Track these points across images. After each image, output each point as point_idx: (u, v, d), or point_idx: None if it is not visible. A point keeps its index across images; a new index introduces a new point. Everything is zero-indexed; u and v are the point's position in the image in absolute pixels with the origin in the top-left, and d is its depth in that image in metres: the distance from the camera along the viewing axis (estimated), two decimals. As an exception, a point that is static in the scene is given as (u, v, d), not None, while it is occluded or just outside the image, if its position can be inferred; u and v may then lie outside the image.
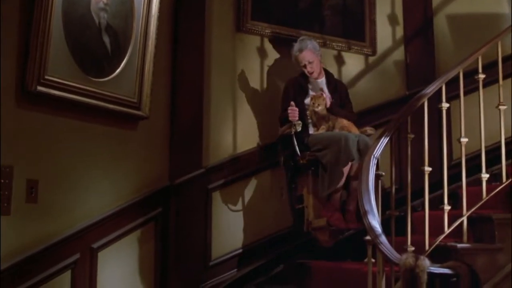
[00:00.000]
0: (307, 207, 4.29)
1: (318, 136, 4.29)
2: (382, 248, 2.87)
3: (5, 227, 3.18)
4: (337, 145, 4.07)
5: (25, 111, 3.32)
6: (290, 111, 4.24)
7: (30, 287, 3.27)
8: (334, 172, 4.09)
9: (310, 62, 4.46)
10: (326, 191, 4.14)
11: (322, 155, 4.15)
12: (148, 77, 3.95)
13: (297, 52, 4.48)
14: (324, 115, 4.31)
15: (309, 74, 4.49)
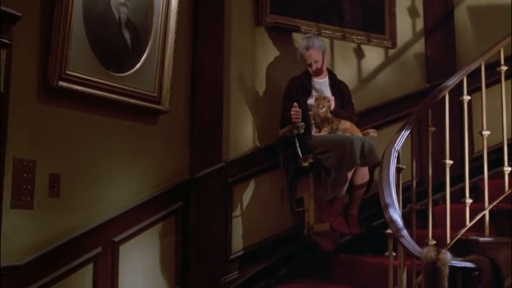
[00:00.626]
0: (307, 211, 4.23)
1: (321, 139, 4.22)
2: (403, 241, 2.86)
3: (28, 221, 3.21)
4: (341, 149, 4.02)
5: (47, 106, 3.35)
6: (293, 112, 4.19)
7: (53, 280, 3.30)
8: (338, 176, 4.04)
9: (316, 61, 4.44)
10: (330, 195, 4.09)
11: (325, 158, 4.10)
12: (168, 72, 3.96)
13: (303, 49, 4.45)
14: (327, 117, 4.26)
15: (314, 74, 4.47)
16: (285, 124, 4.29)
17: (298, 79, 4.48)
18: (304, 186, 4.27)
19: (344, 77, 4.87)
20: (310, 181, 4.22)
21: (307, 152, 4.18)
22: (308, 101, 4.39)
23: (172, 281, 4.01)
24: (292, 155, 4.24)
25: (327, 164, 4.08)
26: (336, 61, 4.91)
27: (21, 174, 3.19)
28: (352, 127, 4.28)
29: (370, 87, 4.98)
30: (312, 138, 4.26)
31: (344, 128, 4.26)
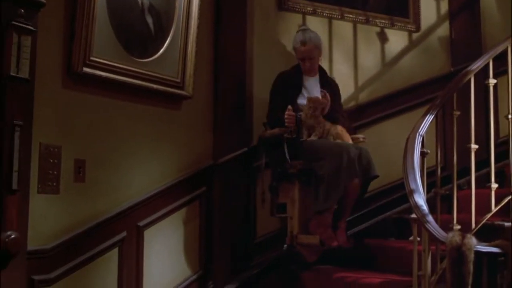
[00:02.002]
0: (291, 218, 3.98)
1: (313, 144, 3.97)
2: (428, 226, 2.84)
3: (55, 206, 3.26)
4: (337, 158, 3.81)
5: (72, 92, 3.38)
6: (287, 116, 3.94)
7: (79, 264, 3.34)
8: (332, 187, 3.82)
9: (311, 58, 4.18)
10: (321, 206, 3.86)
11: (318, 166, 3.86)
12: (191, 57, 3.97)
13: (298, 43, 4.18)
14: (319, 120, 4.02)
15: (305, 71, 4.22)
16: (274, 125, 4.05)
17: (289, 75, 4.23)
18: (287, 192, 4.02)
19: (367, 62, 4.86)
20: (295, 187, 3.95)
21: (295, 157, 3.94)
22: (298, 100, 4.14)
23: (196, 265, 4.04)
24: (279, 159, 3.99)
25: (320, 173, 3.84)
26: (359, 45, 4.88)
27: (47, 160, 3.23)
28: (343, 132, 4.08)
29: (394, 72, 4.94)
30: (302, 142, 4.01)
31: (336, 133, 4.04)
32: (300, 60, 4.20)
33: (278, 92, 4.17)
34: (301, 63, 4.21)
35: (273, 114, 4.12)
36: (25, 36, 2.82)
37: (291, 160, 3.92)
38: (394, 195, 4.67)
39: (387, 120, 4.83)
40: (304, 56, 4.17)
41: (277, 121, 4.03)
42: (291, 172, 3.93)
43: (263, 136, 4.15)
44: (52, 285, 3.20)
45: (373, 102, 4.83)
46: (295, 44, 4.21)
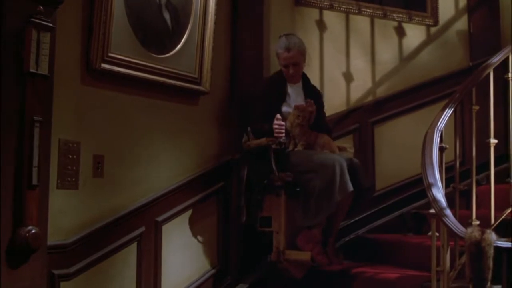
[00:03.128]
0: (277, 233, 3.80)
1: (301, 155, 3.82)
2: (446, 221, 2.83)
3: (74, 201, 3.28)
4: (329, 172, 3.64)
5: (90, 88, 3.39)
6: (276, 126, 3.76)
7: (98, 258, 3.36)
8: (324, 201, 3.65)
9: (295, 65, 4.01)
10: (311, 221, 3.70)
11: (307, 179, 3.71)
12: (208, 53, 3.98)
13: (282, 49, 4.01)
14: (305, 130, 3.89)
15: (289, 78, 4.05)
16: (260, 134, 3.86)
17: (273, 82, 4.09)
18: (272, 204, 3.84)
19: (384, 56, 4.85)
20: (281, 200, 3.78)
21: (282, 168, 3.78)
22: (283, 108, 3.98)
23: (213, 260, 4.05)
24: (264, 170, 3.80)
25: (309, 186, 3.69)
26: (377, 40, 4.86)
27: (66, 156, 3.25)
28: (330, 142, 3.97)
29: (412, 66, 4.92)
30: (289, 153, 3.85)
31: (323, 143, 3.92)
32: (283, 66, 4.03)
33: (262, 99, 4.02)
34: (284, 70, 4.04)
35: (257, 122, 3.93)
36: (44, 33, 2.84)
37: (278, 172, 3.76)
38: (412, 190, 4.67)
39: (405, 115, 4.82)
40: (288, 63, 4.00)
41: (263, 130, 3.84)
42: (278, 184, 3.77)
43: (247, 146, 3.95)
44: (71, 279, 3.23)
45: (390, 97, 4.82)
46: (279, 49, 4.04)
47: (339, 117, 4.63)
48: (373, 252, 4.29)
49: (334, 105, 4.63)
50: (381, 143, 4.74)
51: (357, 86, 4.75)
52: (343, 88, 4.71)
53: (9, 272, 2.72)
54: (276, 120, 3.78)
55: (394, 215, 4.64)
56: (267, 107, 3.93)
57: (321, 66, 4.62)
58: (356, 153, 4.61)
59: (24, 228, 2.74)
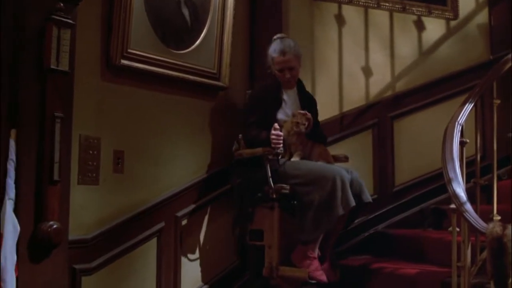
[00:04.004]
0: (269, 248, 3.59)
1: (298, 167, 3.62)
2: (467, 216, 2.81)
3: (95, 197, 3.31)
4: (329, 184, 3.46)
5: (110, 84, 3.41)
6: (274, 136, 3.57)
7: (118, 253, 3.39)
8: (323, 216, 3.47)
9: (291, 69, 3.81)
10: (310, 235, 3.50)
11: (305, 192, 3.52)
12: (227, 48, 3.98)
13: (277, 53, 3.80)
14: (302, 138, 3.71)
15: (284, 83, 3.85)
16: (254, 143, 3.68)
17: (268, 87, 3.88)
18: (264, 217, 3.63)
19: (404, 51, 4.82)
20: (275, 212, 3.57)
21: (277, 180, 3.57)
22: (278, 115, 3.79)
23: (232, 255, 4.05)
24: (258, 181, 3.62)
25: (307, 199, 3.50)
26: (396, 34, 4.83)
27: (87, 151, 3.28)
28: (325, 152, 3.81)
29: (431, 60, 4.88)
30: (284, 163, 3.64)
31: (319, 153, 3.75)
32: (278, 71, 3.82)
33: (256, 105, 3.83)
34: (279, 74, 3.83)
35: (251, 130, 3.76)
36: (65, 30, 2.87)
37: (274, 184, 3.55)
38: (432, 185, 4.64)
39: (424, 109, 4.79)
40: (283, 67, 3.80)
41: (259, 140, 3.67)
42: (273, 197, 3.56)
43: (239, 155, 3.76)
44: (92, 274, 3.26)
45: (410, 91, 4.79)
46: (273, 53, 3.82)
47: (358, 112, 4.61)
48: (392, 247, 4.27)
49: (353, 99, 4.61)
50: (400, 138, 4.71)
51: (376, 81, 4.72)
52: (362, 83, 4.69)
53: (31, 266, 2.77)
54: (274, 130, 3.60)
55: (414, 210, 4.62)
56: (262, 114, 3.76)
57: (340, 61, 4.60)
58: (376, 148, 4.63)
59: (46, 223, 2.78)
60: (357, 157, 4.53)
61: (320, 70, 4.53)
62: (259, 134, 3.69)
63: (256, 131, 3.73)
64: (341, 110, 4.57)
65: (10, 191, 2.68)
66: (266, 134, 3.64)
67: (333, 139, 4.46)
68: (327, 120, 4.45)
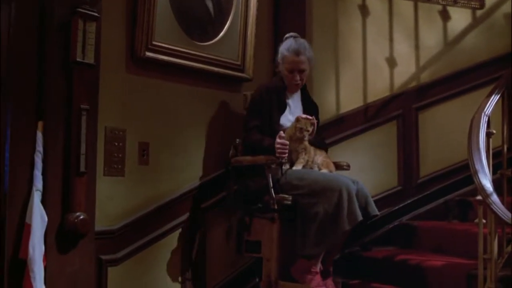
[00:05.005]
0: (268, 261, 3.39)
1: (301, 176, 3.40)
2: (494, 208, 2.79)
3: (120, 188, 3.34)
4: (335, 197, 3.26)
5: (135, 77, 3.43)
6: (279, 145, 3.37)
7: (144, 244, 3.42)
8: (327, 230, 3.25)
9: (302, 71, 3.61)
10: (312, 250, 3.29)
11: (309, 204, 3.30)
12: (251, 39, 3.98)
13: (291, 52, 3.59)
14: (306, 145, 3.52)
15: (291, 86, 3.65)
16: (255, 150, 3.48)
17: (272, 89, 3.64)
18: (263, 228, 3.43)
19: (428, 41, 4.77)
20: (275, 224, 3.37)
21: (278, 189, 3.37)
22: (281, 120, 3.60)
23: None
24: (258, 191, 3.43)
25: (312, 211, 3.29)
26: (421, 24, 4.78)
27: (113, 143, 3.30)
28: (328, 160, 3.62)
29: (457, 50, 4.83)
30: (286, 172, 3.43)
31: (321, 162, 3.56)
32: (288, 72, 3.61)
33: (260, 108, 3.60)
34: (288, 75, 3.62)
35: (252, 135, 3.56)
36: (90, 23, 2.89)
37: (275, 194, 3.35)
38: (457, 177, 4.60)
39: (449, 100, 4.74)
40: (295, 68, 3.59)
41: (262, 147, 3.46)
42: (274, 208, 3.35)
43: (237, 162, 3.60)
44: (119, 264, 3.29)
45: (435, 82, 4.74)
46: (286, 52, 3.61)
47: (382, 103, 4.58)
48: (417, 239, 4.25)
49: (377, 90, 4.58)
50: (425, 129, 4.68)
51: (401, 71, 4.68)
52: (386, 74, 4.66)
53: (59, 257, 2.81)
54: (279, 139, 3.40)
55: (439, 202, 4.59)
56: (265, 119, 3.57)
57: (364, 52, 4.57)
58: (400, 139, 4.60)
59: (73, 214, 2.81)
60: (382, 148, 4.52)
61: (344, 62, 4.50)
62: (262, 141, 3.48)
63: (258, 136, 3.52)
64: (365, 102, 4.54)
65: (37, 182, 2.72)
66: (269, 142, 3.44)
67: (357, 130, 4.44)
68: (351, 111, 4.43)
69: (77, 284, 2.86)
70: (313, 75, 4.31)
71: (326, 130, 4.28)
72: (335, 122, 4.39)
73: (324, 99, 4.35)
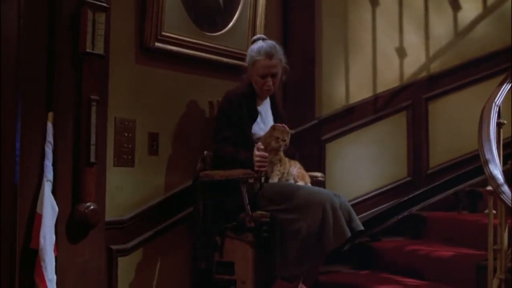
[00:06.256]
0: (243, 283, 3.12)
1: (279, 189, 3.15)
2: (504, 198, 2.77)
3: (130, 179, 3.35)
4: (318, 212, 2.97)
5: (144, 67, 3.44)
6: (259, 158, 3.09)
7: (153, 235, 3.43)
8: (311, 249, 2.96)
9: (274, 76, 3.34)
10: (293, 270, 3.01)
11: (289, 220, 3.02)
12: (260, 30, 3.96)
13: (262, 55, 3.31)
14: (281, 156, 3.28)
15: (262, 92, 3.38)
16: (230, 165, 3.20)
17: (242, 96, 3.36)
18: (236, 248, 3.18)
19: (439, 31, 4.75)
20: (250, 243, 3.11)
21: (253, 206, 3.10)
22: (254, 129, 3.35)
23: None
24: (232, 208, 3.16)
25: (291, 229, 3.01)
26: (431, 14, 4.75)
27: (122, 134, 3.31)
28: (302, 171, 3.36)
29: (467, 40, 4.80)
30: (262, 186, 3.15)
31: (297, 173, 3.31)
32: (260, 76, 3.33)
33: (231, 117, 3.32)
34: (259, 81, 3.34)
35: (226, 147, 3.28)
36: (100, 13, 2.90)
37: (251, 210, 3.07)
38: (467, 168, 4.59)
39: (459, 90, 4.72)
40: (267, 72, 3.31)
41: (238, 160, 3.19)
42: (251, 226, 3.07)
43: (206, 176, 3.29)
44: (129, 254, 3.31)
45: (445, 72, 4.73)
46: (257, 56, 3.33)
47: (391, 93, 4.57)
48: (426, 230, 4.25)
49: (386, 81, 4.57)
50: (435, 119, 4.66)
51: (410, 62, 4.66)
52: (396, 64, 4.63)
53: (70, 246, 2.83)
54: (258, 150, 3.12)
55: (448, 193, 4.57)
56: (236, 129, 3.30)
57: (374, 42, 4.55)
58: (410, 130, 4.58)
59: (83, 204, 2.83)
60: (391, 139, 4.51)
61: (353, 52, 4.48)
62: (237, 154, 3.22)
63: (231, 149, 3.26)
64: (374, 92, 4.52)
65: (48, 173, 2.73)
66: (246, 154, 3.18)
67: (366, 121, 4.44)
68: (360, 102, 4.42)
69: (87, 274, 2.88)
70: (322, 64, 4.31)
71: (335, 121, 4.28)
72: (344, 113, 4.38)
73: (333, 89, 4.35)
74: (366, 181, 4.42)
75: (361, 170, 4.40)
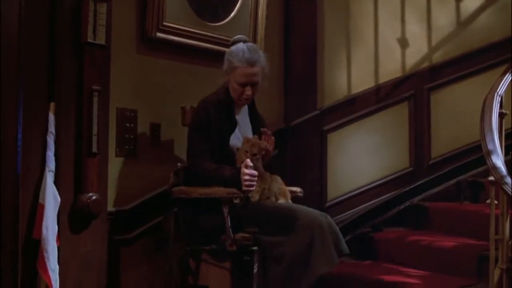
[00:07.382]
0: None
1: (261, 209, 2.91)
2: (506, 189, 2.77)
3: (132, 169, 3.36)
4: (305, 234, 2.75)
5: (145, 57, 3.44)
6: (248, 177, 2.84)
7: (155, 225, 3.42)
8: (297, 274, 2.73)
9: (254, 85, 3.09)
10: None
11: (273, 243, 2.78)
12: (262, 20, 3.95)
13: (243, 62, 3.04)
14: (261, 171, 2.99)
15: (241, 100, 3.12)
16: (211, 182, 2.95)
17: (219, 105, 3.10)
18: (214, 273, 3.05)
19: (441, 21, 4.73)
20: (226, 267, 2.97)
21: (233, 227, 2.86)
22: (231, 140, 3.08)
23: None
24: (211, 230, 2.92)
25: (275, 253, 2.76)
26: (433, 4, 4.73)
27: (124, 124, 3.32)
28: (283, 187, 3.10)
29: (469, 31, 4.77)
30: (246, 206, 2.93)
31: (279, 189, 3.04)
32: (239, 85, 3.06)
33: (207, 129, 3.05)
34: (238, 89, 3.07)
35: (204, 162, 3.01)
36: (101, 3, 2.89)
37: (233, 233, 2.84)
38: (469, 158, 4.58)
39: (462, 81, 4.70)
40: (247, 81, 3.05)
41: (222, 178, 2.93)
42: (232, 249, 2.83)
43: (183, 193, 3.03)
44: (131, 245, 3.31)
45: (447, 62, 4.71)
46: (237, 62, 3.05)
47: (393, 84, 4.55)
48: (428, 220, 4.25)
49: (388, 71, 4.55)
50: (437, 110, 4.65)
51: (413, 52, 4.65)
52: (398, 54, 4.62)
53: (72, 237, 2.83)
54: (247, 169, 2.86)
55: (450, 183, 4.57)
56: (214, 141, 3.05)
57: (376, 32, 4.53)
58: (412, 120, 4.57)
59: (85, 194, 2.83)
60: (393, 129, 4.50)
61: (355, 43, 4.47)
62: (220, 170, 2.95)
63: (212, 165, 2.99)
64: (376, 82, 4.51)
65: (50, 163, 2.74)
66: (230, 172, 2.92)
67: (368, 111, 4.43)
68: (363, 92, 4.42)
69: (89, 264, 2.89)
70: (324, 55, 4.30)
71: (337, 111, 4.27)
72: (346, 103, 4.37)
73: (335, 80, 4.34)
74: (368, 172, 4.41)
75: (363, 160, 4.40)
